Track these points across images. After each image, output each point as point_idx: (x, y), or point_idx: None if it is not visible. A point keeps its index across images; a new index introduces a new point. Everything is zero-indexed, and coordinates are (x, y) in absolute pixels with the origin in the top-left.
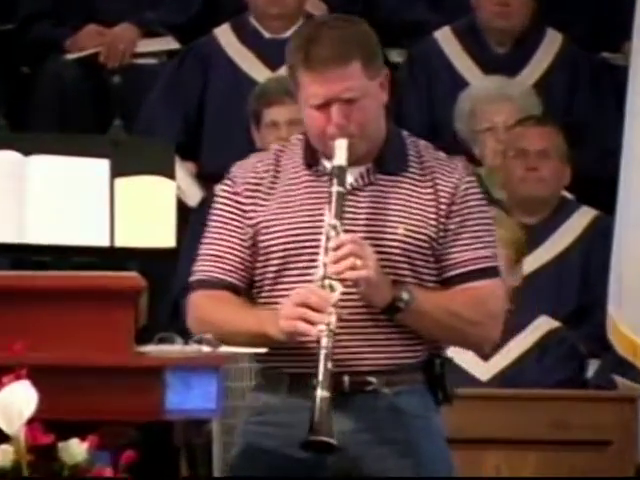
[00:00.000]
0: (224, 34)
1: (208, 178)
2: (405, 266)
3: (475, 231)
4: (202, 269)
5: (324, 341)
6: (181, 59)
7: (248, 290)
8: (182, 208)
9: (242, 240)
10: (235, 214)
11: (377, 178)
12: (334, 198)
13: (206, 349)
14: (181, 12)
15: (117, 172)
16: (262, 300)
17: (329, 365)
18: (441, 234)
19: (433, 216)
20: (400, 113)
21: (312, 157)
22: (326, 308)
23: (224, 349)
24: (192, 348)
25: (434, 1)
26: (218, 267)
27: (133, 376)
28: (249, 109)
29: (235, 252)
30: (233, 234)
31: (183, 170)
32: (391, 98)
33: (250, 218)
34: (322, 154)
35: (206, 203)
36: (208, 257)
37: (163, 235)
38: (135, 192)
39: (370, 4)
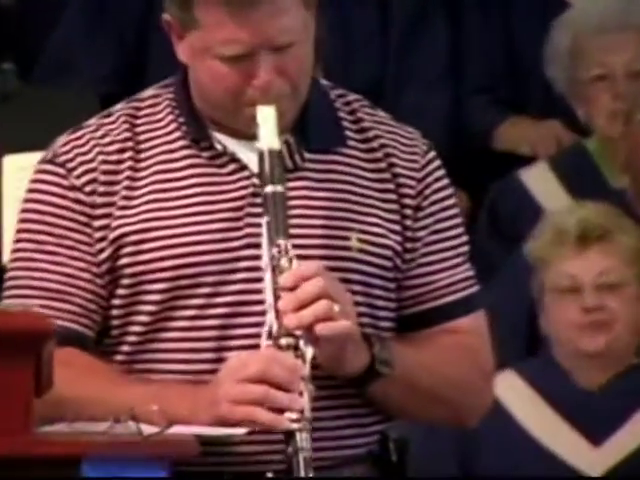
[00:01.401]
0: None
1: None
2: (360, 298)
3: (451, 238)
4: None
5: (299, 438)
6: None
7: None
8: None
9: (91, 264)
10: (76, 222)
11: (304, 159)
12: (272, 203)
13: (148, 429)
14: None
15: (7, 144)
16: (123, 358)
17: (310, 474)
18: (408, 245)
19: (396, 218)
20: (458, 47)
21: (196, 127)
22: (296, 385)
23: (177, 429)
24: (125, 427)
25: None
26: (55, 309)
27: (33, 470)
28: None
29: (81, 284)
30: (75, 255)
31: None
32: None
33: (102, 228)
34: (212, 122)
35: None
36: (37, 294)
37: None
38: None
39: None
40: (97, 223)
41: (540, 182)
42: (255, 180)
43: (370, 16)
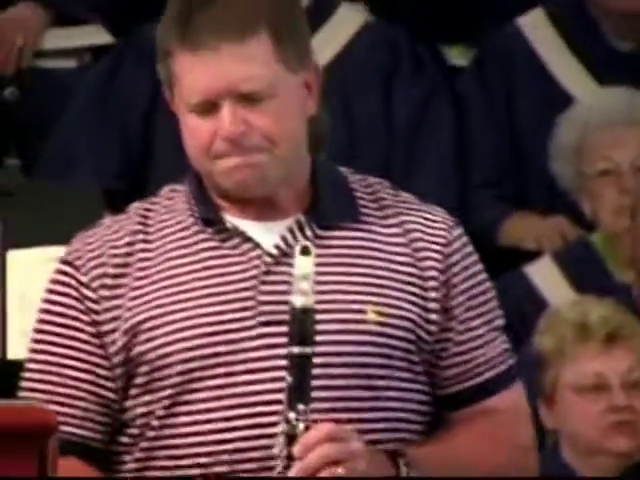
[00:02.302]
0: None
1: None
2: (382, 372)
3: (485, 313)
4: None
5: None
6: (116, 59)
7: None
8: None
9: (95, 365)
10: (80, 321)
11: (316, 235)
12: (297, 365)
13: None
14: None
15: (11, 240)
16: (147, 445)
17: None
18: (433, 317)
19: (416, 290)
20: (464, 142)
21: (208, 209)
22: None
23: None
24: None
25: None
26: (58, 414)
27: None
28: None
29: (86, 386)
30: (79, 356)
31: None
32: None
33: (112, 320)
34: (224, 202)
35: None
36: (41, 398)
37: None
38: (39, 273)
39: None
40: (107, 315)
41: (545, 276)
42: (267, 259)
43: (374, 103)
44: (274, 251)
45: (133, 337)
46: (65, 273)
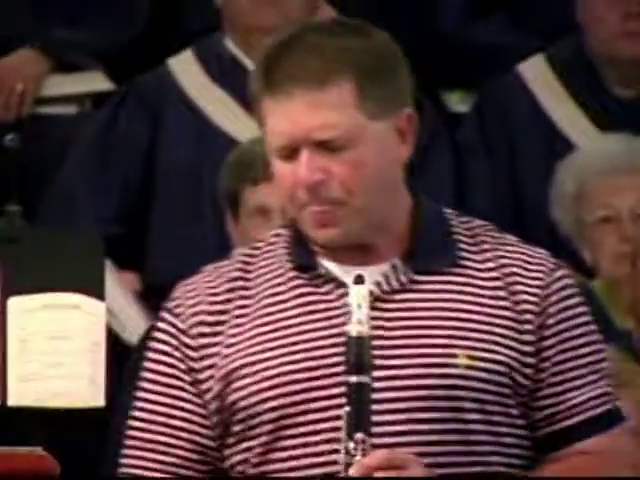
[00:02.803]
0: (184, 66)
1: (158, 295)
2: (475, 416)
3: (582, 356)
4: (132, 463)
5: None
6: (116, 106)
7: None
8: (118, 345)
9: (193, 413)
10: (178, 369)
11: (411, 280)
12: (356, 394)
13: None
14: (116, 31)
15: (12, 286)
16: None
17: None
18: (529, 360)
19: (511, 334)
20: (464, 188)
21: (303, 254)
22: None
23: None
24: None
25: (516, 15)
26: (156, 462)
27: None
28: (222, 186)
29: (183, 435)
30: (177, 404)
31: (119, 284)
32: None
33: (208, 368)
34: (319, 250)
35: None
36: (140, 445)
37: (86, 389)
38: (40, 320)
39: (421, 20)
40: (204, 363)
41: None
42: None
43: None
44: (370, 297)
45: (227, 385)
46: (165, 320)
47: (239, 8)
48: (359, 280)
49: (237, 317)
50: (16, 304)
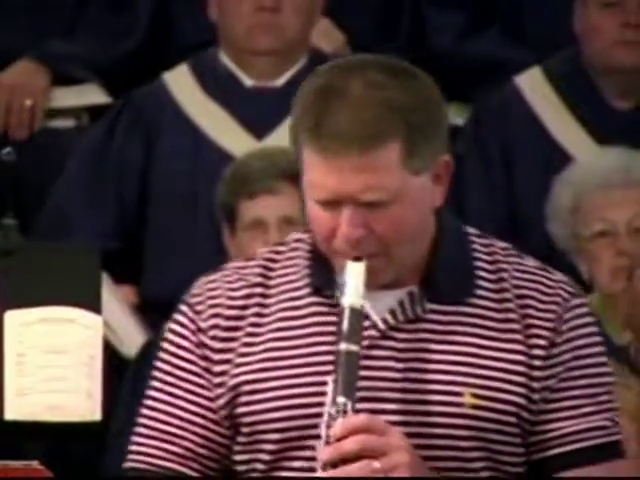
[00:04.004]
0: (180, 81)
1: (155, 309)
2: (475, 454)
3: (585, 386)
4: (140, 450)
5: None
6: (112, 120)
7: None
8: (114, 359)
9: (206, 409)
10: (196, 365)
11: (426, 310)
12: (343, 362)
13: None
14: (112, 44)
15: (8, 300)
16: None
17: None
18: (535, 397)
19: (522, 369)
20: (460, 201)
21: (322, 274)
22: None
23: None
24: None
25: (512, 29)
26: (164, 450)
27: None
28: (219, 200)
29: (194, 428)
30: (191, 398)
31: (116, 298)
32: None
33: (221, 374)
34: (337, 268)
35: (151, 351)
36: (150, 434)
37: (82, 402)
38: (36, 333)
39: (417, 34)
40: (217, 368)
41: None
42: (373, 332)
43: None
44: (381, 325)
45: (236, 397)
46: (185, 315)
47: (234, 33)
48: (357, 259)
49: (252, 325)
50: (13, 318)
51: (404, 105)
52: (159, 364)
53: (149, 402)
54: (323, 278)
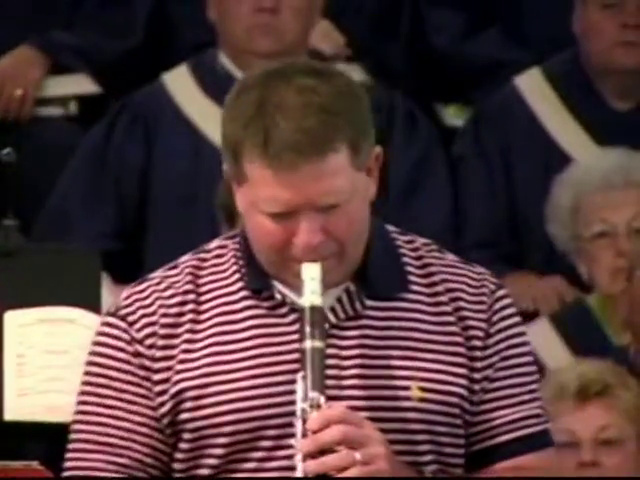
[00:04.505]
0: (179, 82)
1: None
2: (426, 447)
3: (519, 375)
4: (84, 466)
5: None
6: (112, 121)
7: None
8: None
9: (149, 417)
10: (135, 375)
11: (364, 306)
12: (309, 358)
13: None
14: (111, 40)
15: (8, 301)
16: None
17: None
18: (476, 387)
19: (463, 361)
20: (460, 202)
21: (258, 277)
22: None
23: None
24: None
25: (512, 29)
26: (111, 463)
27: None
28: (219, 200)
29: (139, 438)
30: (133, 409)
31: (115, 298)
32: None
33: (161, 382)
34: (275, 275)
35: None
36: (93, 448)
37: None
38: (36, 334)
39: (417, 35)
40: (157, 377)
41: (542, 339)
42: None
43: None
44: (326, 326)
45: (180, 403)
46: (117, 327)
47: (234, 34)
48: (312, 260)
49: (189, 332)
50: (12, 318)
51: (341, 107)
52: (92, 379)
53: (86, 417)
54: (260, 281)
